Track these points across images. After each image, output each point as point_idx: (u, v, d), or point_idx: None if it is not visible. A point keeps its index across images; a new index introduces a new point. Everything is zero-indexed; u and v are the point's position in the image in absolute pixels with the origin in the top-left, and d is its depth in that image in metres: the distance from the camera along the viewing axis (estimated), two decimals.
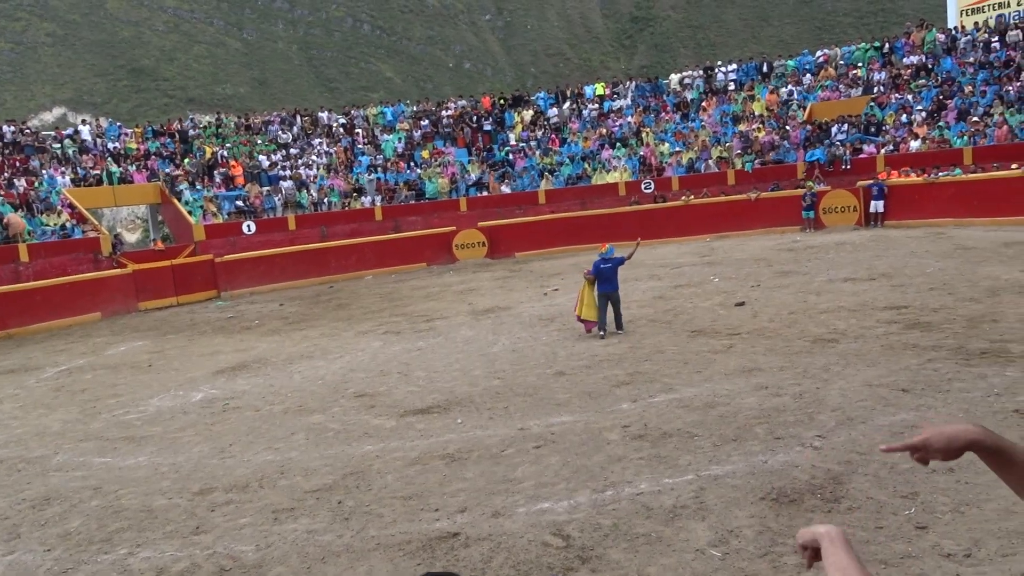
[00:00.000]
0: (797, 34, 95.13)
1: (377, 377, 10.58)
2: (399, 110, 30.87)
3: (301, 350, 13.19)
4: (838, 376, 8.18)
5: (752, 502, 5.45)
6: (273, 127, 29.04)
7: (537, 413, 8.11)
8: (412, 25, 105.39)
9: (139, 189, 24.82)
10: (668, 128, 27.46)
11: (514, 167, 27.43)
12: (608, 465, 6.44)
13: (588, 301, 11.69)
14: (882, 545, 4.70)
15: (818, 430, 6.68)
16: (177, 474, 7.44)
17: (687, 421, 7.30)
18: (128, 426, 9.43)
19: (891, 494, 5.33)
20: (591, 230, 24.24)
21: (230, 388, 10.91)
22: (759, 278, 15.18)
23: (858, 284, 13.36)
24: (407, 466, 6.96)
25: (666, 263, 19.05)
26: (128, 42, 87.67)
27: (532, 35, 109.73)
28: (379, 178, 26.66)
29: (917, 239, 17.99)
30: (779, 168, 23.98)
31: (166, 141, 27.05)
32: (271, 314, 18.15)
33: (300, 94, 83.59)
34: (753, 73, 28.95)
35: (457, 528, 5.57)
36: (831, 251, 17.79)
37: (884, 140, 23.10)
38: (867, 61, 27.06)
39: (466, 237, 24.71)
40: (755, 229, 22.79)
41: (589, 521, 5.45)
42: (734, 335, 10.66)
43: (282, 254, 23.33)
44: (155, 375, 12.44)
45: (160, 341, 15.85)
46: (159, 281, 21.45)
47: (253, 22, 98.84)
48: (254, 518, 6.17)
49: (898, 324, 10.14)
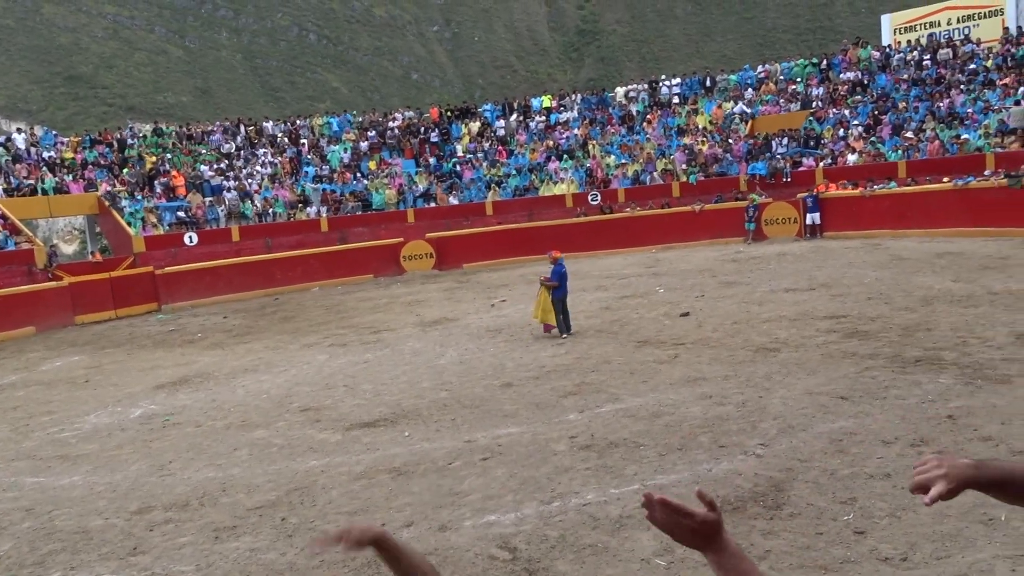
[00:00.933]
0: (739, 50, 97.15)
1: (323, 391, 10.44)
2: (345, 120, 30.64)
3: (245, 364, 12.96)
4: (780, 385, 8.33)
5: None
6: (216, 137, 28.55)
7: (484, 425, 8.09)
8: (359, 35, 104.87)
9: (76, 199, 24.15)
10: (614, 140, 27.78)
11: (462, 178, 27.43)
12: (555, 476, 6.45)
13: (546, 306, 12.37)
14: (822, 551, 4.79)
15: (760, 438, 6.79)
16: (114, 493, 7.23)
17: (633, 431, 7.36)
18: (63, 444, 9.14)
19: (831, 500, 5.45)
20: (538, 241, 24.31)
21: (171, 403, 10.66)
22: (703, 288, 15.42)
23: (799, 294, 13.66)
24: (352, 481, 6.87)
25: (612, 274, 19.23)
26: (65, 48, 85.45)
27: (480, 47, 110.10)
28: (325, 189, 26.39)
29: (855, 250, 18.48)
30: (723, 180, 24.42)
31: (104, 150, 26.40)
32: (214, 327, 17.80)
33: (244, 103, 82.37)
34: (696, 87, 29.48)
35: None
36: (773, 262, 18.17)
37: (822, 153, 23.71)
38: (806, 77, 27.79)
39: (413, 248, 24.60)
40: (700, 240, 23.16)
41: (536, 533, 5.45)
42: (679, 345, 10.80)
43: (226, 266, 22.89)
44: (92, 391, 12.08)
45: (98, 356, 15.42)
46: (97, 294, 20.86)
47: (196, 30, 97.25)
48: (194, 537, 6.02)
49: (837, 333, 10.39)
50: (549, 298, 12.34)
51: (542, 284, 12.49)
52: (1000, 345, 8.87)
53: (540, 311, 12.47)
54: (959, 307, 11.14)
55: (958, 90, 23.21)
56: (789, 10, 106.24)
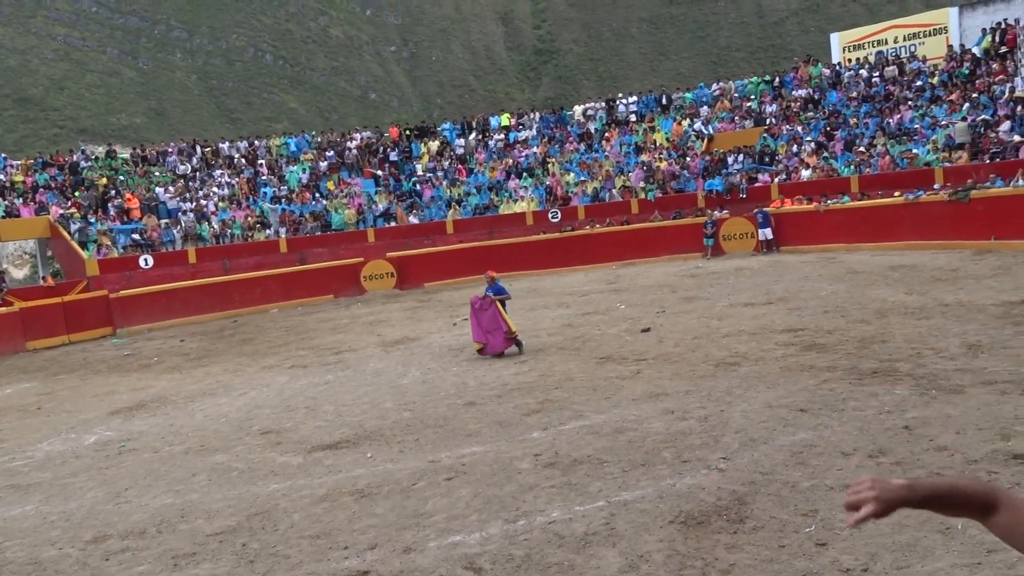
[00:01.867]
0: (694, 68, 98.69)
1: (283, 413, 10.30)
2: (303, 141, 30.46)
3: (203, 387, 12.74)
4: (740, 398, 8.42)
5: (661, 526, 5.53)
6: (171, 158, 28.18)
7: (448, 444, 8.04)
8: (315, 56, 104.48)
9: (26, 223, 23.64)
10: (573, 158, 28.00)
11: (421, 197, 27.40)
12: (520, 495, 6.43)
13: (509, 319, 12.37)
14: (784, 563, 4.83)
15: (723, 452, 6.85)
16: (68, 522, 7.04)
17: (597, 447, 7.37)
18: (14, 473, 8.88)
19: (792, 512, 5.50)
20: (500, 259, 24.34)
21: (126, 429, 10.43)
22: (664, 304, 15.56)
23: (757, 308, 13.84)
24: (315, 504, 6.78)
25: (573, 291, 19.32)
26: (14, 70, 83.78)
27: (437, 66, 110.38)
28: (284, 209, 26.17)
29: (810, 264, 18.80)
30: (681, 197, 24.73)
31: (56, 173, 25.90)
32: (171, 351, 17.48)
33: (200, 125, 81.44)
34: (653, 105, 29.86)
35: (367, 566, 5.45)
36: (731, 276, 18.41)
37: (777, 169, 24.15)
38: (759, 94, 28.32)
39: (374, 268, 24.47)
40: (659, 256, 23.39)
41: (501, 552, 5.42)
42: (641, 360, 10.87)
43: (182, 288, 22.53)
44: (44, 418, 11.77)
45: (50, 382, 15.05)
46: (49, 319, 20.38)
47: (149, 51, 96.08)
48: (152, 565, 5.88)
49: (795, 346, 10.54)
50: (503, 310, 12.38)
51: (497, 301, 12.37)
52: (953, 356, 9.07)
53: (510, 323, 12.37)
54: (912, 319, 11.39)
55: (906, 106, 23.84)
56: (742, 29, 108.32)
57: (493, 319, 12.25)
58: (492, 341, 12.28)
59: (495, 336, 12.26)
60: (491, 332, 12.26)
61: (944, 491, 1.62)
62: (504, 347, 12.30)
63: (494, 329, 12.24)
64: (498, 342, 12.27)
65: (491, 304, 12.27)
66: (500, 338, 12.25)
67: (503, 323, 12.26)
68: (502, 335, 12.23)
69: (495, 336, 12.26)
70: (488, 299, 12.32)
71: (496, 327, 12.23)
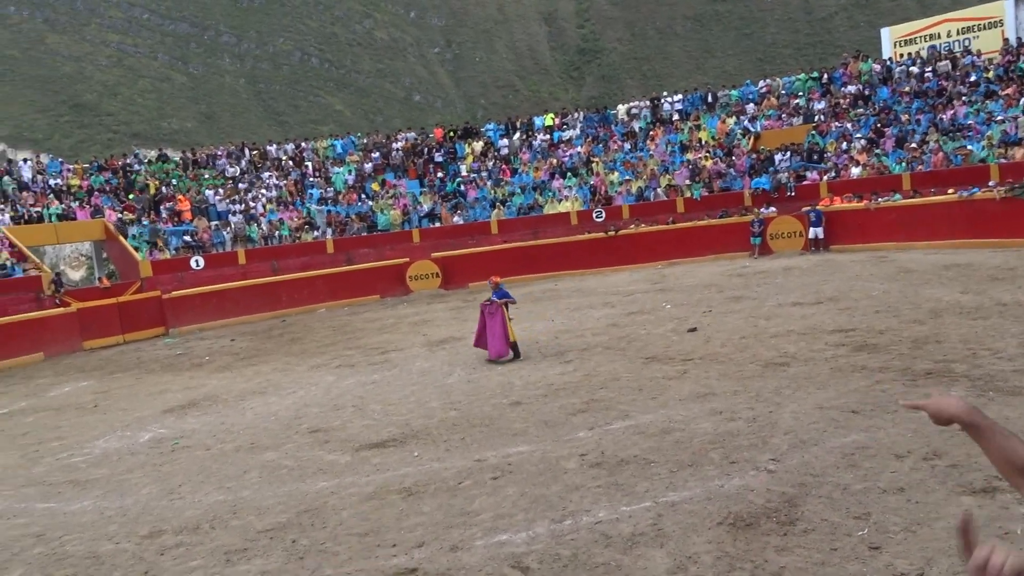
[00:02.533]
0: (740, 65, 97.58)
1: (331, 412, 10.43)
2: (349, 143, 30.81)
3: (253, 386, 12.96)
4: (790, 399, 8.30)
5: (710, 527, 5.48)
6: (221, 161, 28.73)
7: (494, 444, 8.06)
8: (361, 58, 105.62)
9: (83, 226, 24.28)
10: (617, 157, 27.86)
11: (466, 198, 27.52)
12: (566, 494, 6.42)
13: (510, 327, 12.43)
14: (837, 567, 4.75)
15: (772, 453, 6.76)
16: (124, 517, 7.22)
17: (643, 448, 7.33)
18: (73, 469, 9.13)
19: (844, 515, 5.40)
20: (544, 259, 24.41)
21: (179, 427, 10.66)
22: (710, 304, 15.40)
23: (806, 308, 13.63)
24: (363, 502, 6.85)
25: (618, 291, 19.22)
26: (70, 77, 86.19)
27: (481, 67, 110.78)
28: (330, 211, 26.50)
29: (861, 263, 18.45)
30: (727, 195, 24.46)
31: (110, 177, 26.57)
32: (221, 350, 17.82)
33: (248, 128, 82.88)
34: (698, 103, 29.57)
35: (415, 564, 5.49)
36: (779, 276, 18.15)
37: (826, 167, 23.74)
38: (807, 91, 27.87)
39: (419, 268, 24.65)
40: (705, 255, 23.16)
41: (548, 552, 5.42)
42: (687, 361, 10.78)
43: (232, 289, 22.97)
44: (101, 416, 12.09)
45: (106, 381, 15.44)
46: (105, 319, 20.92)
47: (199, 56, 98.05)
48: (205, 560, 6.00)
49: (846, 347, 10.36)
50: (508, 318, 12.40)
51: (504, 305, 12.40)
52: (1011, 357, 8.83)
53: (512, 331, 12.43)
54: (968, 319, 11.11)
55: (960, 101, 23.25)
56: (789, 25, 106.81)
57: (499, 324, 12.30)
58: (494, 345, 12.34)
59: (497, 341, 12.31)
60: (494, 336, 12.33)
61: (994, 432, 1.83)
62: (504, 353, 12.34)
63: (497, 334, 12.31)
64: (499, 347, 12.33)
65: (499, 309, 12.32)
66: (501, 343, 12.31)
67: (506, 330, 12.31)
68: (503, 341, 12.30)
69: (497, 341, 12.31)
70: (495, 304, 12.35)
71: (499, 332, 12.29)
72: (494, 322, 12.30)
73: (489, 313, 12.37)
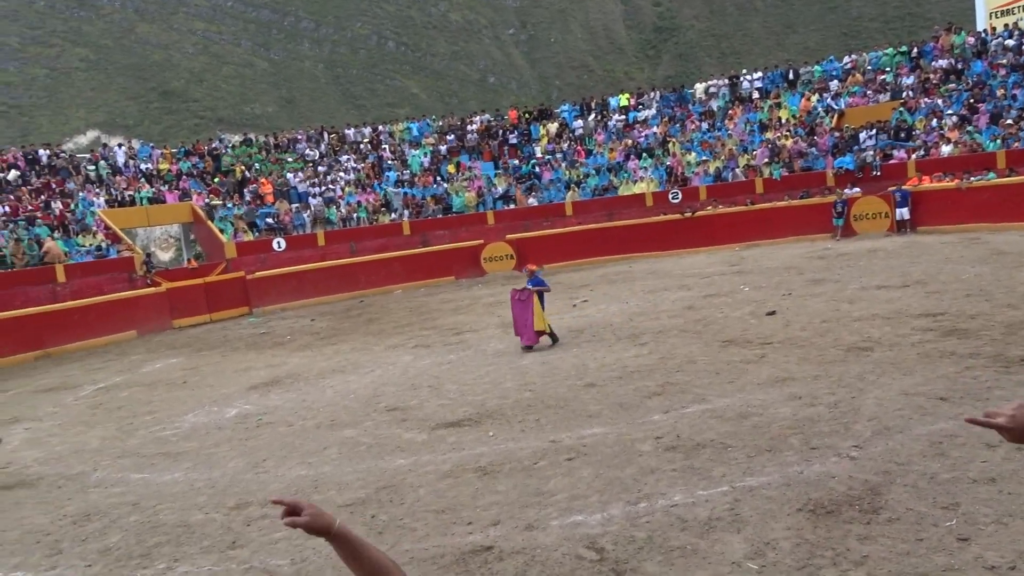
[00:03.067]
0: (823, 40, 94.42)
1: (408, 391, 10.62)
2: (425, 125, 31.09)
3: (332, 365, 13.28)
4: (873, 385, 8.07)
5: (789, 513, 5.39)
6: (301, 145, 29.37)
7: (568, 425, 8.09)
8: (436, 41, 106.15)
9: (171, 209, 25.21)
10: (694, 137, 27.38)
11: (540, 179, 27.48)
12: (641, 477, 6.40)
13: (539, 314, 12.25)
14: (923, 557, 4.62)
15: (854, 440, 6.59)
16: (213, 489, 7.52)
17: (720, 432, 7.24)
18: (164, 442, 9.55)
19: (931, 505, 5.24)
20: (619, 241, 24.24)
21: (263, 403, 11.01)
22: (790, 286, 15.05)
23: (892, 291, 13.19)
24: (439, 479, 6.97)
25: (695, 273, 18.95)
26: (159, 65, 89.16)
27: (556, 48, 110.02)
28: (406, 193, 26.83)
29: (951, 245, 17.74)
30: (808, 175, 23.80)
31: (196, 161, 27.47)
32: (302, 329, 18.30)
33: (327, 112, 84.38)
34: (779, 80, 28.79)
35: (490, 542, 5.57)
36: (863, 258, 17.60)
37: (914, 145, 22.84)
38: (895, 66, 26.81)
39: (494, 250, 24.78)
40: (785, 237, 22.61)
41: (623, 534, 5.42)
42: (766, 344, 10.57)
43: (312, 270, 23.56)
44: (190, 391, 12.58)
45: (194, 358, 16.05)
46: (192, 299, 21.73)
47: (280, 42, 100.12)
48: (289, 532, 6.20)
49: (934, 332, 9.99)
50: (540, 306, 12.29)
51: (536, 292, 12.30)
52: None
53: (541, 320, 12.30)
54: None
55: None
56: None
57: (528, 313, 12.23)
58: (525, 333, 12.33)
59: (526, 330, 12.29)
60: (524, 325, 12.30)
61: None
62: (534, 341, 12.30)
63: (526, 322, 12.27)
64: (528, 336, 12.30)
65: (530, 296, 12.24)
66: (529, 332, 12.27)
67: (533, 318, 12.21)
68: (531, 329, 12.24)
69: (526, 330, 12.29)
70: (527, 291, 12.29)
71: (528, 321, 12.23)
72: (524, 310, 12.28)
73: (519, 300, 12.34)
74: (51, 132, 66.69)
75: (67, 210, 22.77)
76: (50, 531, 6.90)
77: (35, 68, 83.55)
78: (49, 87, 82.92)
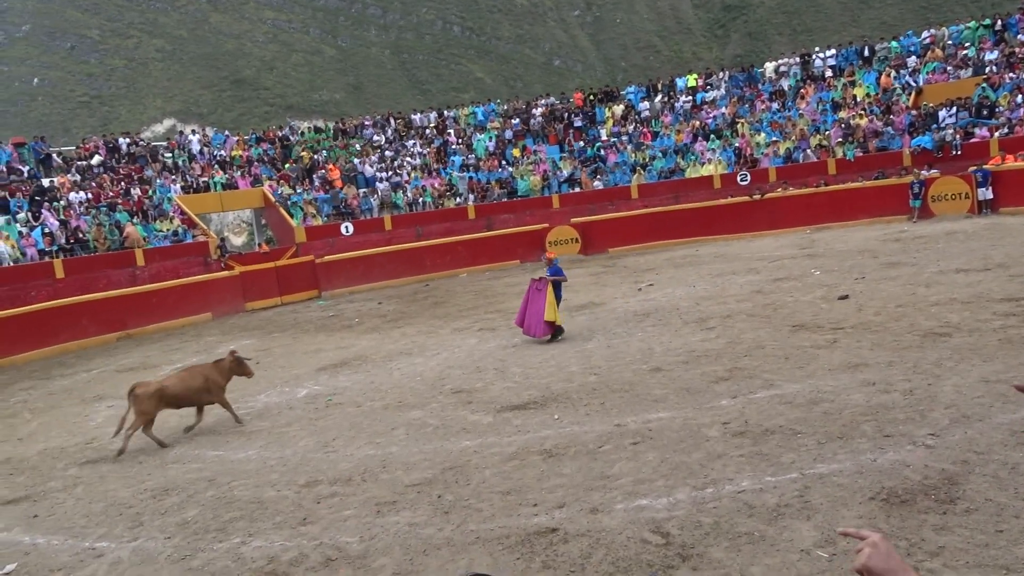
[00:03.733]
0: (900, 15, 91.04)
1: (473, 373, 10.70)
2: (490, 109, 31.11)
3: (399, 347, 13.47)
4: (951, 372, 7.80)
5: (861, 502, 5.27)
6: (368, 130, 29.72)
7: (634, 409, 8.05)
8: (501, 25, 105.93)
9: (244, 194, 25.83)
10: (764, 118, 26.76)
11: (606, 162, 27.26)
12: (708, 462, 6.34)
13: (552, 304, 12.07)
14: (1003, 549, 4.47)
15: (931, 428, 6.40)
16: (284, 467, 7.72)
17: (790, 418, 7.11)
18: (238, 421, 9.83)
19: (1012, 496, 5.06)
20: (685, 224, 23.90)
21: (332, 384, 11.25)
22: (864, 270, 14.63)
23: (972, 275, 12.71)
24: (504, 461, 7.02)
25: (764, 256, 18.58)
26: (231, 54, 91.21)
27: (622, 29, 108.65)
28: (472, 177, 26.94)
29: None
30: (883, 155, 23.05)
31: (267, 148, 28.07)
32: (370, 312, 18.59)
33: (393, 97, 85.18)
34: (853, 57, 27.88)
35: (555, 524, 5.59)
36: (941, 241, 16.99)
37: (998, 123, 21.90)
38: (977, 40, 25.69)
39: (559, 234, 24.72)
40: (858, 219, 21.96)
41: (689, 519, 5.38)
42: (838, 329, 10.32)
43: (379, 254, 23.87)
44: (262, 372, 12.89)
45: (266, 340, 16.46)
46: (264, 282, 22.28)
47: (347, 29, 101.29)
48: (357, 510, 6.34)
49: (1017, 316, 9.60)
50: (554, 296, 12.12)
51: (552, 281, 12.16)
52: None
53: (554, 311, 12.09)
54: None
55: None
56: None
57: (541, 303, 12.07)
58: (532, 324, 12.18)
59: (535, 320, 12.13)
60: (533, 315, 12.15)
61: None
62: (543, 333, 12.15)
63: (537, 312, 12.11)
64: (537, 326, 12.15)
65: (546, 285, 12.10)
66: (539, 323, 12.11)
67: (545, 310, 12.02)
68: (541, 320, 12.08)
69: (535, 320, 12.13)
70: (544, 281, 12.15)
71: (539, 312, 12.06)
72: (538, 299, 12.15)
73: (536, 289, 12.24)
74: (130, 121, 69.00)
75: (145, 196, 23.55)
76: (132, 504, 7.20)
77: (115, 59, 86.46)
78: (128, 77, 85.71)
